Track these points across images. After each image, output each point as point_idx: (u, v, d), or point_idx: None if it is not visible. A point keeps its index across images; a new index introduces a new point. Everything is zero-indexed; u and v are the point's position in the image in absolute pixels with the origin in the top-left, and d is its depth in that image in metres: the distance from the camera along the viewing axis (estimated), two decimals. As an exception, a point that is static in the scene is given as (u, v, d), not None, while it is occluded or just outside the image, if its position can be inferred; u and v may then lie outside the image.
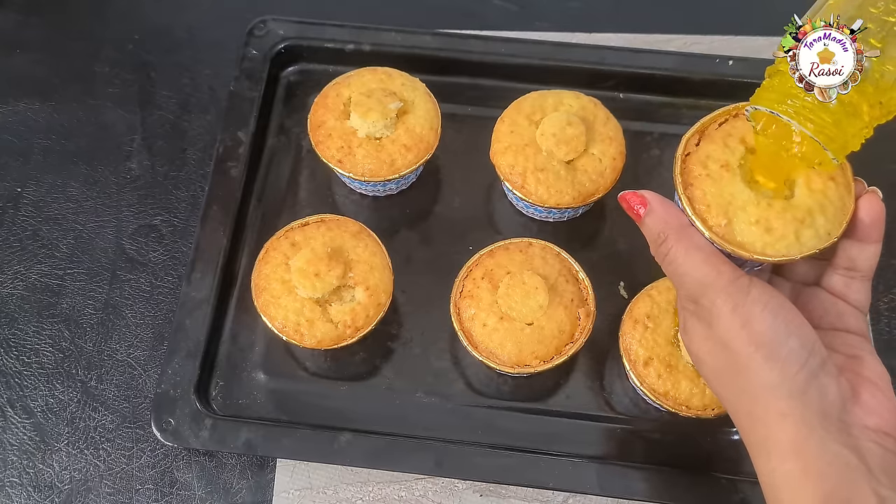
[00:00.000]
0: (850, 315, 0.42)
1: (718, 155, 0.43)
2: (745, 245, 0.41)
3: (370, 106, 0.58)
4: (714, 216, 0.42)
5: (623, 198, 0.44)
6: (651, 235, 0.43)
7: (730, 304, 0.39)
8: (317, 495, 0.56)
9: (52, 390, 0.59)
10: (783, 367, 0.38)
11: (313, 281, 0.53)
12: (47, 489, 0.56)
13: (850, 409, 0.38)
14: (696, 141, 0.44)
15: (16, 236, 0.64)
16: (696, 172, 0.43)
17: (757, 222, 0.41)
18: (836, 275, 0.43)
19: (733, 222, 0.42)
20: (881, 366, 0.41)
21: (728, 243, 0.42)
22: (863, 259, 0.42)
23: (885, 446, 0.37)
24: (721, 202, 0.42)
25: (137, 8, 0.74)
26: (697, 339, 0.42)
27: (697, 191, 0.43)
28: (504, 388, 0.58)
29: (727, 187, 0.43)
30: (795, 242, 0.41)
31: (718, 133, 0.44)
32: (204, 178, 0.65)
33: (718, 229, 0.42)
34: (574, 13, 0.73)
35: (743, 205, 0.42)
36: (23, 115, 0.68)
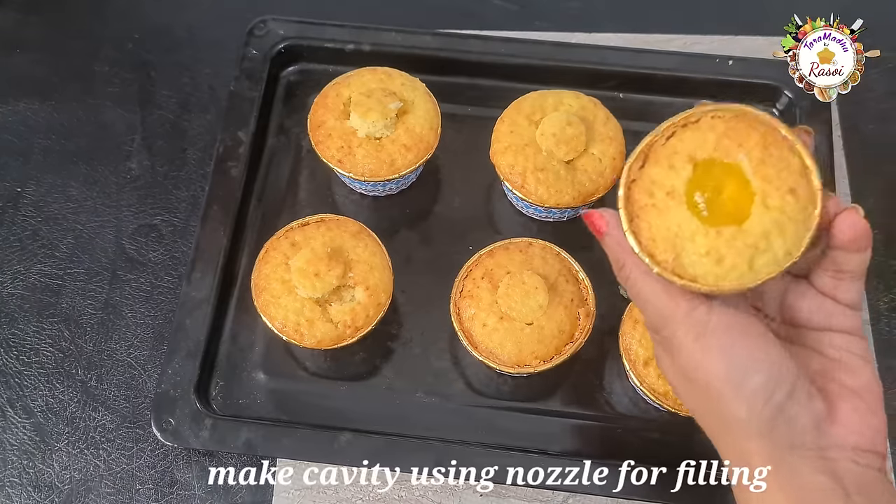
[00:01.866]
0: (840, 314, 0.40)
1: (664, 180, 0.39)
2: (697, 278, 0.38)
3: (370, 106, 0.58)
4: (661, 251, 0.38)
5: (585, 216, 0.43)
6: (611, 258, 0.41)
7: (688, 339, 0.38)
8: (317, 495, 0.56)
9: (52, 390, 0.59)
10: (748, 404, 0.36)
11: (313, 281, 0.53)
12: (47, 489, 0.56)
13: (827, 431, 0.37)
14: (640, 164, 0.40)
15: (16, 236, 0.64)
16: (642, 202, 0.39)
17: (707, 254, 0.37)
18: (824, 275, 0.40)
19: (682, 255, 0.38)
20: (870, 372, 0.39)
21: (679, 278, 0.38)
22: (849, 264, 0.39)
23: (864, 463, 0.36)
24: (667, 235, 0.38)
25: (137, 7, 0.74)
26: (665, 367, 0.41)
27: (643, 223, 0.39)
28: (504, 388, 0.58)
29: (673, 218, 0.38)
30: (748, 272, 0.37)
31: (664, 150, 0.39)
32: (204, 178, 0.65)
33: (667, 265, 0.38)
34: (574, 13, 0.73)
35: (691, 235, 0.38)
36: (23, 115, 0.68)
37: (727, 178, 0.38)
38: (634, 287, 0.40)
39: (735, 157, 0.38)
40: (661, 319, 0.39)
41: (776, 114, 0.67)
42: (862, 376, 0.38)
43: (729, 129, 0.38)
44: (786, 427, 0.36)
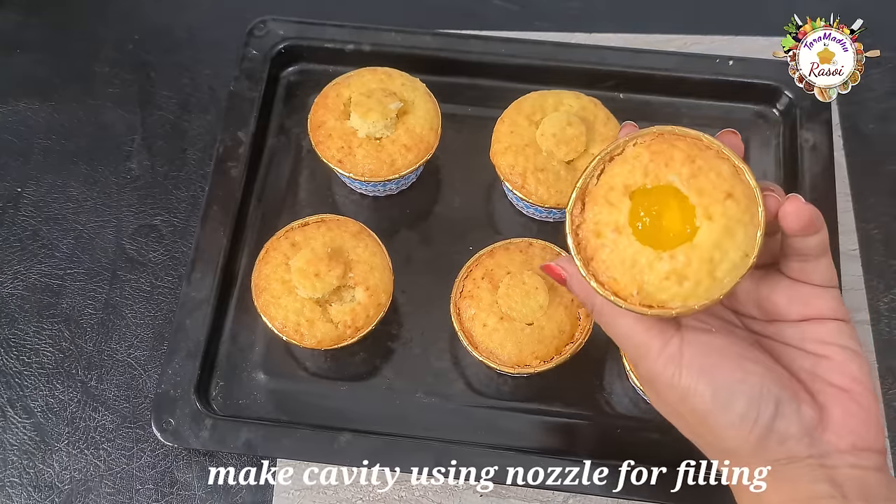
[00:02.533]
0: (816, 297, 0.39)
1: (606, 218, 0.39)
2: (665, 303, 0.38)
3: (370, 106, 0.58)
4: (624, 287, 0.38)
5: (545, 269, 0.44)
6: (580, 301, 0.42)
7: (666, 377, 0.38)
8: (317, 495, 0.56)
9: (52, 390, 0.59)
10: (736, 433, 0.37)
11: (313, 281, 0.53)
12: (47, 489, 0.56)
13: (820, 438, 0.37)
14: (580, 208, 0.40)
15: (16, 236, 0.64)
16: (592, 244, 0.39)
17: (667, 277, 0.37)
18: (791, 260, 0.39)
19: (644, 286, 0.38)
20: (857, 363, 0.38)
21: (649, 307, 0.38)
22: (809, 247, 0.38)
23: (863, 465, 0.36)
24: (625, 269, 0.38)
25: (137, 8, 0.74)
26: (652, 401, 0.41)
27: (599, 264, 0.39)
28: (504, 388, 0.58)
29: (626, 251, 0.38)
30: (714, 283, 0.37)
31: (599, 190, 0.39)
32: (204, 178, 0.65)
33: (633, 299, 0.38)
34: (574, 13, 0.73)
35: (648, 264, 0.38)
36: (23, 115, 0.68)
37: (665, 200, 0.38)
38: (609, 327, 0.40)
39: (666, 179, 0.38)
40: (637, 357, 0.39)
41: (776, 114, 0.67)
42: (850, 370, 0.38)
43: (653, 154, 0.38)
44: (778, 444, 0.36)
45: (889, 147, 0.68)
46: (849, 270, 0.62)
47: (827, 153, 0.63)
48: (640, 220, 0.38)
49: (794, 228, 0.37)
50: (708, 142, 0.38)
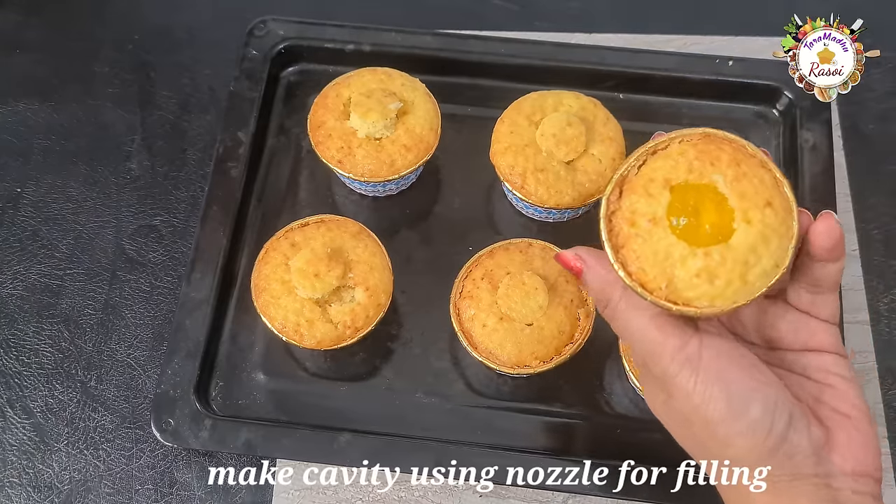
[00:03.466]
0: (822, 331, 0.40)
1: (644, 208, 0.39)
2: (691, 301, 0.38)
3: (370, 106, 0.58)
4: (652, 279, 0.38)
5: (559, 257, 0.42)
6: (593, 296, 0.41)
7: (682, 377, 0.37)
8: (317, 495, 0.56)
9: (51, 390, 0.59)
10: (747, 440, 0.36)
11: (313, 281, 0.53)
12: (47, 489, 0.56)
13: (826, 458, 0.36)
14: (617, 195, 0.40)
15: (16, 236, 0.64)
16: (625, 232, 0.39)
17: (699, 274, 0.37)
18: (802, 291, 0.40)
19: (674, 280, 0.38)
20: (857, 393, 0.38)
21: (674, 303, 0.38)
22: (827, 276, 0.39)
23: (862, 491, 0.36)
24: (656, 261, 0.38)
25: (137, 8, 0.74)
26: (657, 405, 0.40)
27: (630, 253, 0.39)
28: (504, 388, 0.58)
29: (660, 243, 0.38)
30: (743, 286, 0.37)
31: (639, 180, 0.39)
32: (204, 178, 0.65)
33: (660, 292, 0.38)
34: (574, 13, 0.73)
35: (681, 259, 0.38)
36: (23, 115, 0.68)
37: (705, 198, 0.38)
38: (622, 324, 0.39)
39: (710, 178, 0.38)
40: (651, 356, 0.38)
41: (776, 114, 0.67)
42: (849, 398, 0.38)
43: (699, 152, 0.39)
44: (787, 458, 0.36)
45: (889, 147, 0.68)
46: (849, 270, 0.62)
47: (827, 153, 0.63)
48: (678, 214, 0.38)
49: (823, 247, 0.37)
50: (752, 150, 0.39)
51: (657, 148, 0.40)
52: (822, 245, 0.37)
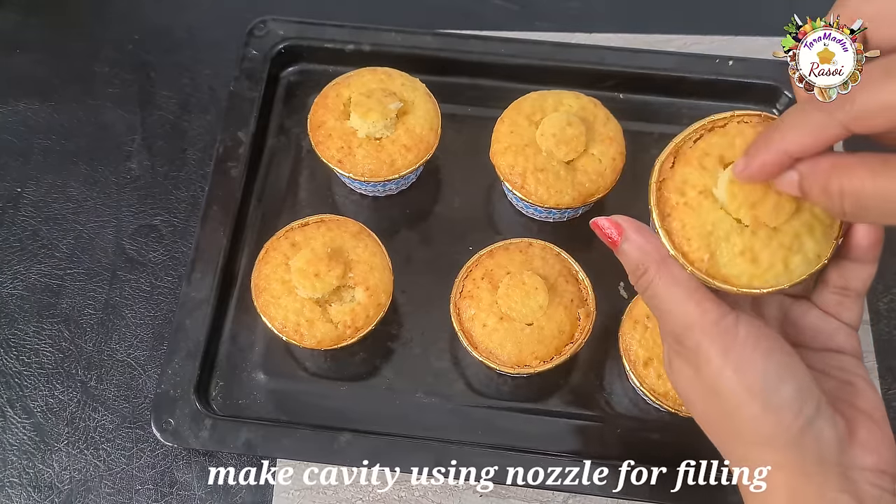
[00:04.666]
0: (842, 334, 0.40)
1: (695, 179, 0.39)
2: (730, 279, 0.38)
3: (370, 106, 0.58)
4: (695, 250, 0.38)
5: (596, 224, 0.41)
6: (629, 266, 0.40)
7: (717, 349, 0.36)
8: (317, 495, 0.56)
9: (52, 390, 0.59)
10: (778, 418, 0.36)
11: (313, 281, 0.53)
12: (47, 489, 0.56)
13: (847, 451, 0.36)
14: (670, 163, 0.40)
15: (16, 236, 0.64)
16: (674, 201, 0.39)
17: (742, 253, 0.38)
18: (828, 292, 0.40)
19: (716, 255, 0.38)
20: (875, 393, 0.39)
21: (712, 278, 0.38)
22: (858, 279, 0.39)
23: (883, 486, 0.36)
24: (702, 233, 0.38)
25: (137, 8, 0.74)
26: (684, 380, 0.39)
27: (676, 222, 0.39)
28: (504, 388, 0.58)
29: (707, 216, 0.38)
30: (784, 271, 0.38)
31: (694, 153, 0.40)
32: (204, 178, 0.65)
33: (701, 264, 0.38)
34: (574, 13, 0.73)
35: (726, 235, 0.38)
36: (23, 115, 0.68)
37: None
38: (656, 294, 0.38)
39: None
40: (684, 329, 0.37)
41: (776, 114, 0.67)
42: (869, 398, 0.38)
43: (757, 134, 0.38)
44: (814, 441, 0.36)
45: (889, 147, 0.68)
46: (849, 270, 0.62)
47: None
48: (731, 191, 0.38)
49: (861, 245, 0.37)
50: None
51: (715, 125, 0.40)
52: (861, 243, 0.37)
